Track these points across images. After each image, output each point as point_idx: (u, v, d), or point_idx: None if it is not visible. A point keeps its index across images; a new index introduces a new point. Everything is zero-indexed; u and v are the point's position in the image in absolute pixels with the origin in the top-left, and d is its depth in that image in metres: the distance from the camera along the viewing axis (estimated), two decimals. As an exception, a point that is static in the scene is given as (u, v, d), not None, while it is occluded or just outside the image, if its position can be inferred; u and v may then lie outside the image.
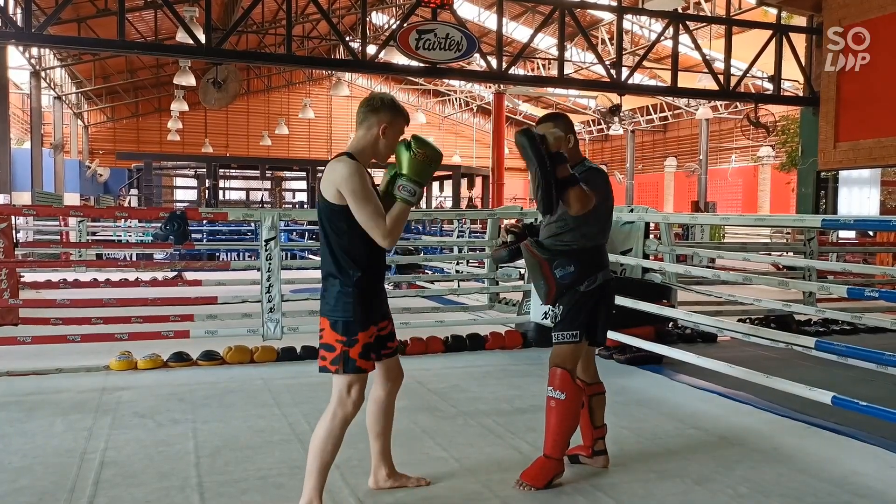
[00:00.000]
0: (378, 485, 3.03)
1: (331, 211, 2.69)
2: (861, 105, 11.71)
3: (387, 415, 2.97)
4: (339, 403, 2.72)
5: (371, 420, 2.98)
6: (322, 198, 2.71)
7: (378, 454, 3.01)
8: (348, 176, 2.63)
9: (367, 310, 2.73)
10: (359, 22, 16.94)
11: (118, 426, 3.89)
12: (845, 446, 3.69)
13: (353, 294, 2.69)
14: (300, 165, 26.14)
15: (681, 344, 6.05)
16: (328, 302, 2.73)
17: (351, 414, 2.74)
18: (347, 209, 2.65)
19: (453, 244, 10.40)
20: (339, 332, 2.69)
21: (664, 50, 18.09)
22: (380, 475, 3.02)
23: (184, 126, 30.61)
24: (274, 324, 5.48)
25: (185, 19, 11.96)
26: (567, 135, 3.18)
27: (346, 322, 2.69)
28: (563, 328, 3.16)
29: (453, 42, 10.97)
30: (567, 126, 3.23)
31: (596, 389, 3.35)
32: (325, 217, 2.71)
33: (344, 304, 2.69)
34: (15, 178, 17.77)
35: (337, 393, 2.73)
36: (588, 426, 3.31)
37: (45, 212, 11.78)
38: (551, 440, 3.11)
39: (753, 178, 26.83)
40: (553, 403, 3.10)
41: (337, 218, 2.68)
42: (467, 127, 37.12)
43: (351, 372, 2.70)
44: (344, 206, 2.65)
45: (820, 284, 6.00)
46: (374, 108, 2.76)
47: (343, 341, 2.68)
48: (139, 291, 8.55)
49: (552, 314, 3.24)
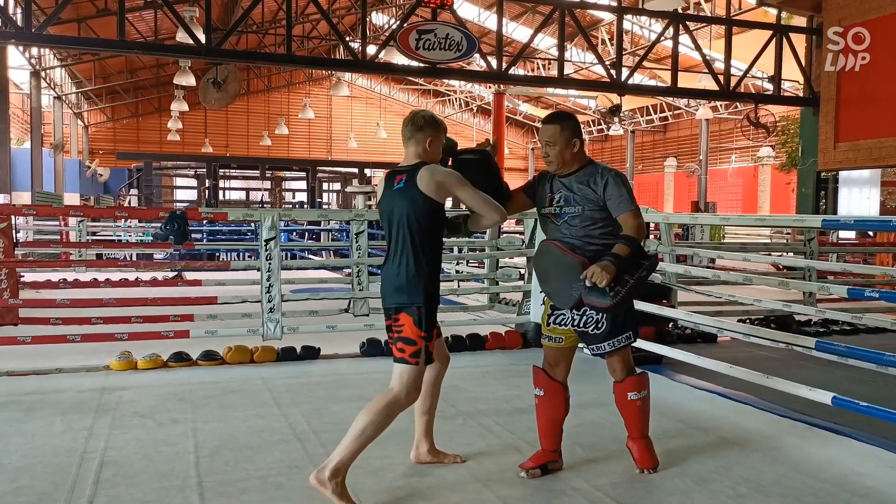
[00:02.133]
0: (419, 459, 3.30)
1: (429, 206, 2.94)
2: (861, 105, 11.71)
3: (434, 394, 3.25)
4: (405, 393, 2.91)
5: (420, 399, 3.15)
6: (419, 195, 2.93)
7: (422, 430, 3.29)
8: (449, 173, 3.00)
9: (437, 302, 3.01)
10: (359, 22, 16.93)
11: (118, 426, 3.89)
12: (845, 446, 3.68)
13: (431, 286, 2.95)
14: (300, 165, 26.13)
15: (681, 344, 6.05)
16: (408, 293, 2.92)
17: (407, 405, 2.96)
18: (439, 208, 2.98)
19: (453, 244, 10.38)
20: (421, 327, 2.92)
21: (664, 50, 18.08)
22: (422, 449, 3.30)
23: (184, 126, 30.60)
24: (274, 324, 5.48)
25: (185, 19, 11.97)
26: (573, 139, 3.15)
27: (428, 318, 2.94)
28: (621, 332, 3.19)
29: (453, 42, 10.97)
30: (574, 130, 3.17)
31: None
32: (419, 214, 2.94)
33: (425, 295, 2.93)
34: (15, 178, 17.77)
35: (405, 383, 2.91)
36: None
37: (45, 212, 11.80)
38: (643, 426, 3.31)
39: (753, 178, 26.81)
40: (640, 403, 3.28)
41: (433, 214, 2.97)
42: (467, 127, 37.11)
43: (428, 364, 2.98)
44: (440, 203, 2.97)
45: (820, 285, 6.00)
46: (418, 126, 3.05)
47: (424, 336, 2.93)
48: (139, 291, 8.54)
49: (593, 319, 3.14)
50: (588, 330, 3.17)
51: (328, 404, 4.34)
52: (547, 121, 3.22)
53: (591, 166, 3.17)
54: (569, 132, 3.14)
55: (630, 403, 3.27)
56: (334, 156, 33.49)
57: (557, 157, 3.15)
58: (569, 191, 3.15)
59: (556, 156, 3.15)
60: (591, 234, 3.11)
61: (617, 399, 3.32)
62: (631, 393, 3.26)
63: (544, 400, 3.28)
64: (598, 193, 3.08)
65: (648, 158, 32.65)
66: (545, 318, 3.31)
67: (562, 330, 3.23)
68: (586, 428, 3.90)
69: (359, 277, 7.01)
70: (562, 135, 3.13)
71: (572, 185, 3.14)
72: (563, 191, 3.16)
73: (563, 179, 3.18)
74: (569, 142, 3.14)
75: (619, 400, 3.31)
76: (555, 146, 3.14)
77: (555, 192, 3.20)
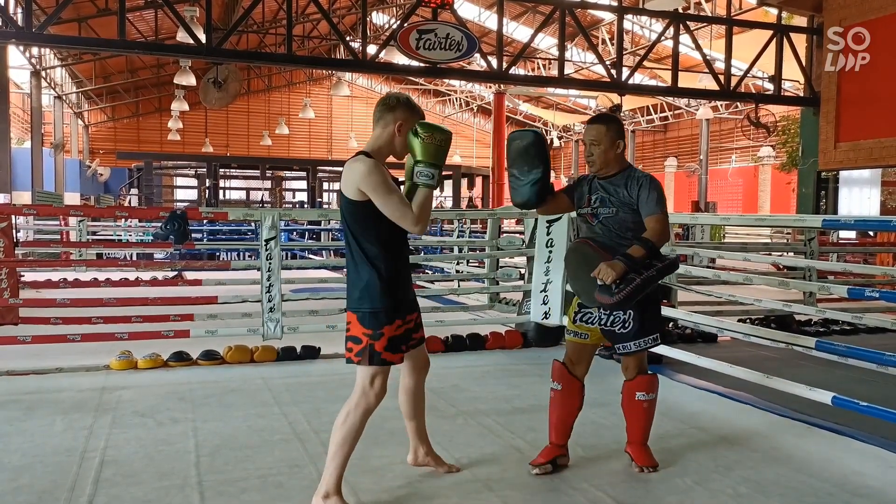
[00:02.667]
0: (417, 461, 3.20)
1: (354, 208, 2.74)
2: (861, 105, 11.71)
3: (417, 400, 3.11)
4: (361, 394, 2.78)
5: (404, 407, 3.11)
6: (343, 196, 2.77)
7: (414, 433, 3.18)
8: (367, 173, 2.68)
9: (393, 303, 2.79)
10: (359, 22, 16.93)
11: (118, 425, 3.89)
12: (845, 446, 3.68)
13: (378, 288, 2.75)
14: (300, 165, 26.11)
15: (681, 344, 6.04)
16: (354, 295, 2.79)
17: (373, 405, 2.80)
18: (369, 204, 2.71)
19: (453, 244, 10.40)
20: (365, 325, 2.76)
21: (664, 50, 18.07)
22: (419, 452, 3.19)
23: (184, 126, 30.62)
24: (274, 323, 5.48)
25: (186, 19, 11.97)
26: (617, 140, 3.21)
27: (373, 315, 2.75)
28: (647, 333, 3.21)
29: (454, 42, 10.97)
30: (619, 131, 3.23)
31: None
32: (348, 214, 2.77)
33: (370, 297, 2.75)
34: (15, 178, 17.77)
35: (360, 384, 2.78)
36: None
37: (46, 211, 11.79)
38: (645, 430, 3.31)
39: (754, 178, 26.81)
40: (646, 405, 3.29)
41: (360, 215, 2.74)
42: (467, 127, 37.12)
43: (376, 364, 2.76)
44: (366, 201, 2.71)
45: (820, 284, 5.99)
46: (389, 106, 2.81)
47: (369, 334, 2.75)
48: (139, 291, 8.54)
49: (620, 319, 3.18)
50: (615, 329, 3.22)
51: (328, 404, 4.33)
52: (593, 121, 3.26)
53: (630, 170, 3.24)
54: (614, 132, 3.20)
55: (637, 404, 3.29)
56: (335, 155, 33.49)
57: (601, 157, 3.20)
58: (606, 192, 3.21)
59: (599, 155, 3.19)
60: (624, 235, 3.17)
61: (624, 398, 3.34)
62: (640, 392, 3.28)
63: (561, 395, 3.29)
64: (633, 197, 3.15)
65: (649, 158, 32.65)
66: (572, 315, 3.35)
67: (587, 327, 3.28)
68: (587, 428, 3.90)
69: (359, 277, 6.99)
70: (607, 134, 3.18)
71: (609, 188, 3.21)
72: (601, 192, 3.23)
73: (602, 181, 3.24)
74: (613, 142, 3.20)
75: (626, 399, 3.33)
76: (599, 145, 3.19)
77: (592, 193, 3.26)
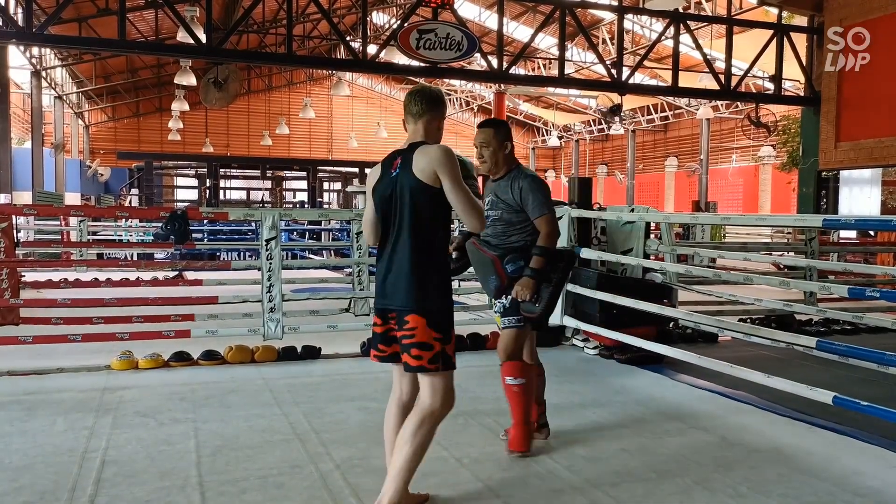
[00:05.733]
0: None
1: (431, 194, 2.60)
2: (862, 105, 11.72)
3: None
4: (441, 404, 2.62)
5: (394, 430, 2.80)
6: (415, 181, 2.60)
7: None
8: (448, 158, 2.59)
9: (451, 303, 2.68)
10: (359, 22, 16.94)
11: (119, 425, 3.90)
12: (846, 446, 3.69)
13: (446, 284, 2.63)
14: (301, 165, 26.11)
15: (681, 344, 6.04)
16: (416, 295, 2.58)
17: (448, 413, 2.67)
18: (442, 192, 2.60)
19: (453, 243, 10.38)
20: (437, 328, 2.59)
21: (665, 50, 18.04)
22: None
23: (184, 126, 30.59)
24: (274, 323, 5.49)
25: (186, 19, 11.97)
26: (505, 142, 3.46)
27: (446, 315, 2.62)
28: (510, 314, 3.45)
29: (454, 42, 10.98)
30: (507, 133, 3.51)
31: (538, 370, 3.68)
32: (419, 201, 2.61)
33: (440, 295, 2.61)
34: (16, 178, 17.75)
35: (439, 392, 2.62)
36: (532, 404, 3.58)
37: (46, 211, 11.81)
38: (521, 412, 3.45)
39: (754, 177, 26.80)
40: (516, 389, 3.44)
41: (435, 202, 2.61)
42: (468, 127, 37.07)
43: (452, 368, 2.64)
44: (440, 189, 2.60)
45: (821, 284, 6.00)
46: (439, 100, 2.76)
47: (440, 339, 2.60)
48: (140, 291, 8.55)
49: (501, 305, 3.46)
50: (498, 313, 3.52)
51: (329, 404, 4.34)
52: (483, 125, 3.54)
53: (516, 171, 3.49)
54: (502, 135, 3.48)
55: (507, 388, 3.47)
56: (335, 155, 33.49)
57: (491, 158, 3.46)
58: (495, 195, 3.48)
59: (490, 156, 3.46)
60: (509, 234, 3.44)
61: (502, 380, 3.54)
62: (507, 378, 3.45)
63: (527, 384, 3.47)
64: (516, 198, 3.40)
65: (649, 158, 32.63)
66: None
67: (498, 317, 3.55)
68: (586, 428, 3.90)
69: (359, 277, 7.03)
70: (496, 137, 3.46)
71: (498, 190, 3.47)
72: (490, 195, 3.50)
73: (493, 184, 3.50)
74: (502, 144, 3.46)
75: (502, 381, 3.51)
76: (489, 147, 3.45)
77: (486, 196, 3.54)
